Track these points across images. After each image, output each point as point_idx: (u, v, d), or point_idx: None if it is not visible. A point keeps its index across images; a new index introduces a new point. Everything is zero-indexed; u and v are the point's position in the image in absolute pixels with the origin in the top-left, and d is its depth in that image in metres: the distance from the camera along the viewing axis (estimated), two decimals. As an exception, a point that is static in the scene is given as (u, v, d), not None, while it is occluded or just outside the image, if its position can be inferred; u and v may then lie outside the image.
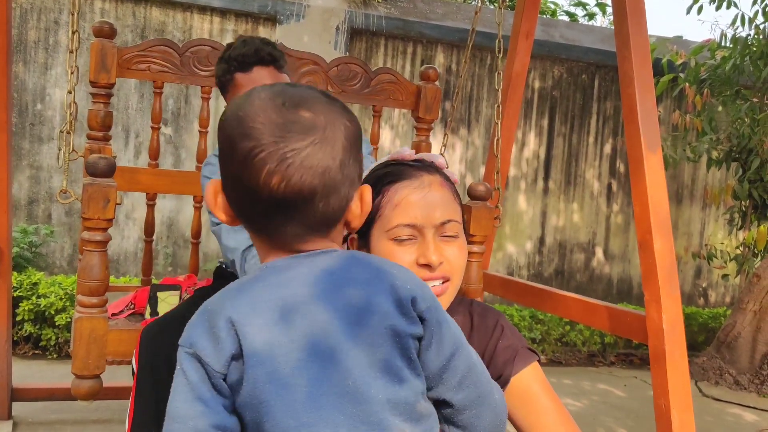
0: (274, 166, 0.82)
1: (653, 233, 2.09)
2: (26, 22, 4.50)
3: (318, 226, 0.87)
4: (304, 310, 0.83)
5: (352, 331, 0.83)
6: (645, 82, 2.22)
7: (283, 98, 0.86)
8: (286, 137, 0.83)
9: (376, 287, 0.86)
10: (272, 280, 0.86)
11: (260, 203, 0.84)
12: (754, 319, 4.68)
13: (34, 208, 4.57)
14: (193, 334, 0.84)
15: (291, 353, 0.81)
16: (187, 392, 0.82)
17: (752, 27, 5.04)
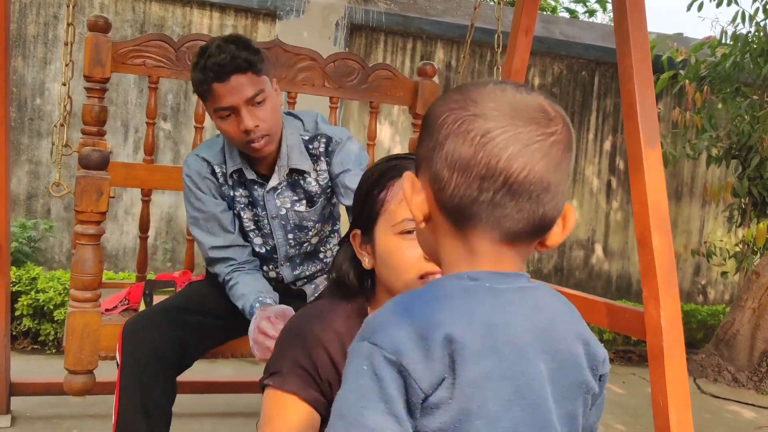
0: (518, 149, 0.76)
1: (652, 230, 2.08)
2: (25, 17, 4.49)
3: (532, 231, 0.81)
4: (517, 346, 0.78)
5: (555, 380, 0.80)
6: (645, 79, 2.21)
7: (516, 85, 0.82)
8: (532, 121, 0.78)
9: (575, 338, 0.83)
10: (488, 302, 0.79)
11: (491, 189, 0.77)
12: (753, 316, 4.68)
13: (32, 203, 4.57)
14: (398, 340, 0.74)
15: (501, 390, 0.76)
16: (380, 403, 0.73)
17: (753, 24, 5.02)
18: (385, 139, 5.21)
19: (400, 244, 1.19)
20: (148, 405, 1.76)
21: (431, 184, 0.81)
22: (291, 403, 1.21)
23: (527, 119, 0.78)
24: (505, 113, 0.78)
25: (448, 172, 0.79)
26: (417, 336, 0.74)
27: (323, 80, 2.51)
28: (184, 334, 1.84)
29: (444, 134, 0.79)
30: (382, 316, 0.78)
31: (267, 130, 1.82)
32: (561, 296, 0.86)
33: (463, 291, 0.79)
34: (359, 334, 0.79)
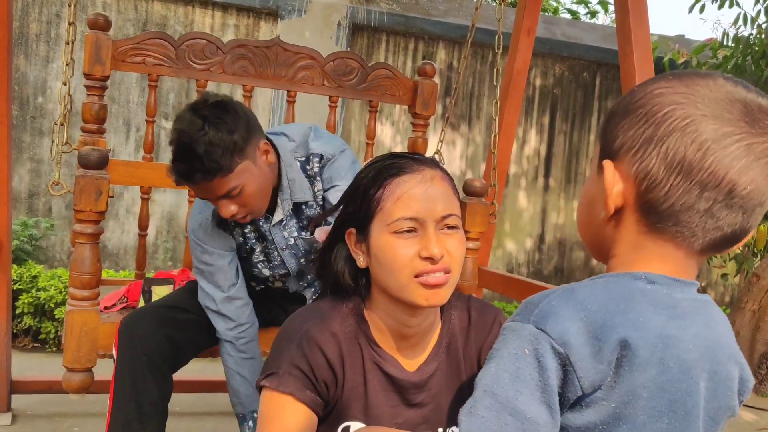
0: (749, 162, 0.70)
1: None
2: (28, 15, 4.50)
3: (731, 243, 0.76)
4: (684, 361, 0.75)
5: (709, 400, 0.77)
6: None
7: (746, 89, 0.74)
8: (763, 132, 0.71)
9: (733, 361, 0.80)
10: (665, 311, 0.75)
11: (711, 200, 0.72)
12: (753, 318, 4.67)
13: (34, 201, 4.57)
14: (569, 332, 0.71)
15: (654, 401, 0.74)
16: (537, 391, 0.70)
17: (754, 26, 5.01)
18: (386, 139, 5.21)
19: (394, 243, 1.19)
20: (141, 403, 1.77)
21: (637, 179, 0.75)
22: (288, 404, 1.21)
23: (761, 128, 0.71)
24: (739, 117, 0.71)
25: (665, 172, 0.72)
26: (590, 334, 0.71)
27: (323, 79, 2.51)
28: (178, 332, 1.84)
29: (666, 129, 0.72)
30: (554, 302, 0.74)
31: (247, 212, 1.76)
32: (724, 314, 0.83)
33: (641, 294, 0.75)
34: (520, 314, 0.75)
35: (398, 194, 1.19)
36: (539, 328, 0.72)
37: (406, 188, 1.19)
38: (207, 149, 1.60)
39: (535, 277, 5.50)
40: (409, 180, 1.20)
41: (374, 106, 2.69)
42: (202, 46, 2.32)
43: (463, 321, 1.34)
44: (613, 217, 0.79)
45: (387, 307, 1.25)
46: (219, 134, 1.62)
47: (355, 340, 1.27)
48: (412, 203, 1.18)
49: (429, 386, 1.30)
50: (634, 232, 0.78)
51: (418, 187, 1.19)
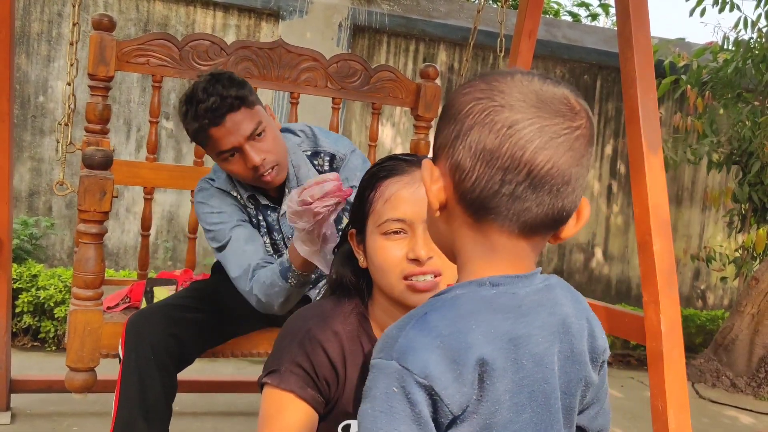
0: (544, 142, 0.76)
1: (653, 235, 2.09)
2: (29, 14, 4.50)
3: (549, 223, 0.81)
4: (537, 355, 0.80)
5: (562, 377, 0.82)
6: (647, 84, 2.22)
7: (543, 78, 0.81)
8: (558, 114, 0.77)
9: (582, 336, 0.85)
10: (510, 314, 0.79)
11: (514, 182, 0.77)
12: (752, 322, 4.68)
13: (34, 200, 4.57)
14: (429, 364, 0.74)
15: (516, 398, 0.78)
16: (413, 425, 0.73)
17: (755, 30, 5.03)
18: (386, 141, 5.22)
19: (384, 244, 1.20)
20: (147, 401, 1.77)
21: (451, 174, 0.80)
22: (289, 401, 1.22)
23: (553, 112, 0.77)
24: (531, 104, 0.77)
25: (471, 162, 0.78)
26: (449, 360, 0.74)
27: (326, 81, 2.51)
28: (185, 332, 1.84)
29: (469, 124, 0.78)
30: (410, 335, 0.77)
31: (275, 160, 1.78)
32: (570, 289, 0.88)
33: (486, 303, 0.78)
34: (383, 350, 0.77)
35: (387, 196, 1.20)
36: (402, 366, 0.74)
37: (394, 190, 1.20)
38: (232, 78, 1.72)
39: (534, 279, 5.50)
40: (398, 182, 1.21)
41: (377, 108, 2.69)
42: (206, 47, 2.32)
43: None
44: (443, 216, 0.84)
45: (387, 308, 1.26)
46: (234, 76, 1.75)
47: (357, 339, 1.28)
48: (400, 204, 1.19)
49: None
50: (464, 227, 0.82)
51: (406, 188, 1.20)
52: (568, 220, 0.83)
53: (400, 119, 5.27)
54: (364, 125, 5.14)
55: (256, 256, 1.79)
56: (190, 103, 1.75)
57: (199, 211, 1.88)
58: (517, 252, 0.81)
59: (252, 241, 1.83)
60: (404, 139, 5.26)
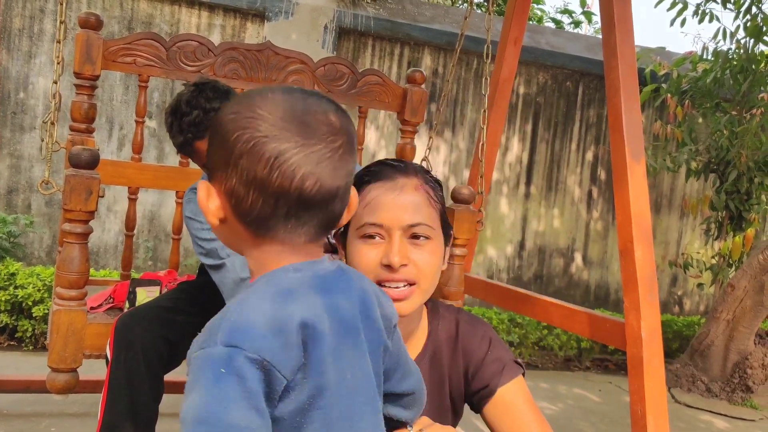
0: (309, 169, 0.82)
1: (635, 242, 2.12)
2: (11, 9, 4.44)
3: (327, 227, 0.89)
4: (348, 321, 0.88)
5: (369, 343, 0.91)
6: (631, 93, 2.25)
7: (306, 102, 0.86)
8: (320, 140, 0.84)
9: (376, 305, 0.94)
10: (319, 287, 0.87)
11: (286, 205, 0.83)
12: (727, 328, 4.76)
13: (13, 198, 4.51)
14: (258, 338, 0.78)
15: (339, 361, 0.85)
16: (243, 401, 0.76)
17: (733, 41, 5.12)
18: (371, 144, 5.23)
19: (360, 248, 1.20)
20: (135, 403, 1.76)
21: (227, 197, 0.85)
22: None
23: (316, 136, 0.84)
24: (295, 132, 0.83)
25: (244, 189, 0.83)
26: (275, 330, 0.79)
27: (313, 84, 2.52)
28: (175, 335, 1.83)
29: (238, 152, 0.83)
30: (233, 318, 0.81)
31: None
32: (354, 274, 0.96)
33: (297, 281, 0.86)
34: (205, 341, 0.80)
35: (368, 200, 1.21)
36: (231, 346, 0.77)
37: (375, 194, 1.21)
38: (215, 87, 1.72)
39: (515, 283, 5.55)
40: (381, 187, 1.21)
41: (363, 111, 2.70)
42: (193, 48, 2.32)
43: (451, 332, 1.35)
44: (227, 226, 0.89)
45: None
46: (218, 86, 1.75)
47: None
48: (378, 210, 1.19)
49: None
50: (249, 241, 0.88)
51: (386, 194, 1.20)
52: (341, 217, 0.92)
53: (385, 123, 5.28)
54: (348, 128, 5.15)
55: None
56: (174, 115, 1.75)
57: (190, 227, 1.87)
58: (300, 253, 0.88)
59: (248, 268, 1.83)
60: (388, 142, 5.27)
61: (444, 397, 1.34)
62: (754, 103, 5.14)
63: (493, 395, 1.30)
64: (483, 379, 1.31)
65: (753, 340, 4.81)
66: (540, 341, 5.11)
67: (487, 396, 1.31)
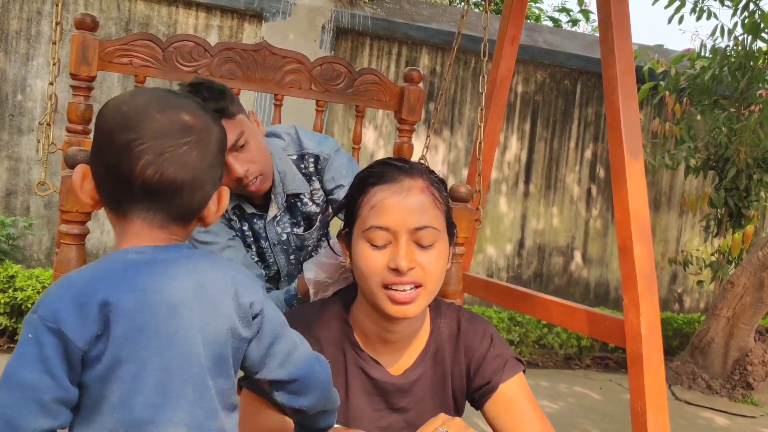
0: (151, 158, 0.92)
1: (633, 239, 2.12)
2: (8, 12, 4.44)
3: (180, 217, 0.97)
4: (171, 304, 0.92)
5: (205, 328, 0.94)
6: (629, 90, 2.24)
7: (165, 101, 0.97)
8: (166, 134, 0.94)
9: (224, 293, 0.97)
10: (147, 271, 0.93)
11: (132, 191, 0.93)
12: (727, 325, 4.76)
13: (12, 200, 4.51)
14: (57, 309, 0.88)
15: (154, 340, 0.90)
16: (38, 364, 0.86)
17: (731, 38, 5.12)
18: (369, 143, 5.22)
19: (367, 251, 1.20)
20: None
21: (94, 179, 0.97)
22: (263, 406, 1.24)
23: (166, 133, 0.94)
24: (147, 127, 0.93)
25: (103, 174, 0.95)
26: (77, 305, 0.88)
27: (310, 83, 2.51)
28: None
29: (99, 141, 0.95)
30: (51, 290, 0.92)
31: (259, 170, 1.76)
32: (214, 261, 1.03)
33: (123, 264, 0.94)
34: (31, 310, 0.90)
35: (373, 203, 1.20)
36: (37, 316, 0.88)
37: (380, 197, 1.20)
38: (211, 87, 1.71)
39: (514, 282, 5.54)
40: (386, 190, 1.20)
41: (361, 110, 2.69)
42: (189, 48, 2.31)
43: (453, 330, 1.36)
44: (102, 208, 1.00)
45: (369, 312, 1.27)
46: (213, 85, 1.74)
47: (338, 344, 1.28)
48: (384, 213, 1.19)
49: (413, 391, 1.32)
50: (114, 220, 0.98)
51: (392, 197, 1.19)
52: (202, 210, 0.99)
53: (383, 122, 5.28)
54: (347, 128, 5.14)
55: None
56: None
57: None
58: (152, 238, 0.96)
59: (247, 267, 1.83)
60: (386, 141, 5.27)
61: (447, 395, 1.34)
62: (752, 100, 5.14)
63: (495, 391, 1.31)
64: (485, 376, 1.31)
65: (753, 336, 4.81)
66: (540, 340, 5.11)
67: (489, 392, 1.31)
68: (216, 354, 0.96)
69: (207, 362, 0.95)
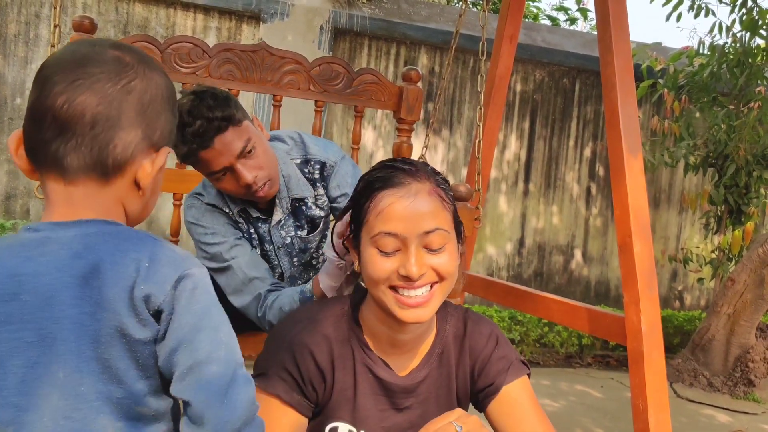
0: (63, 87, 0.84)
1: (633, 236, 2.12)
2: (6, 15, 4.44)
3: (94, 167, 0.86)
4: (42, 294, 0.82)
5: (86, 325, 0.82)
6: (627, 88, 2.25)
7: (99, 41, 0.90)
8: (85, 64, 0.85)
9: (116, 284, 0.83)
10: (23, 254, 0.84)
11: (43, 128, 0.84)
12: (728, 322, 4.76)
13: (11, 203, 4.51)
14: None
15: (20, 332, 0.81)
16: None
17: (729, 35, 5.12)
18: (368, 143, 5.22)
19: (376, 257, 1.19)
20: None
21: (24, 138, 0.88)
22: (273, 405, 1.23)
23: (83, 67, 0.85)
24: (67, 66, 0.85)
25: (27, 122, 0.87)
26: None
27: (308, 84, 2.51)
28: None
29: (32, 86, 0.87)
30: None
31: (267, 175, 1.75)
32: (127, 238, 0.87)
33: (7, 244, 0.85)
34: None
35: (380, 208, 1.18)
36: None
37: (388, 203, 1.18)
38: (215, 95, 1.69)
39: (515, 281, 5.54)
40: (393, 194, 1.19)
41: (359, 111, 2.70)
42: (188, 50, 2.31)
43: (459, 331, 1.36)
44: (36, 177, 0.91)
45: (377, 313, 1.27)
46: (218, 93, 1.72)
47: (347, 342, 1.28)
48: (393, 219, 1.17)
49: (418, 392, 1.32)
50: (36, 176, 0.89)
51: (400, 202, 1.18)
52: (125, 163, 0.87)
53: (382, 122, 5.28)
54: (345, 128, 5.14)
55: (265, 284, 1.79)
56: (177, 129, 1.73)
57: (192, 232, 1.86)
58: (69, 198, 0.86)
59: (256, 266, 1.82)
60: (386, 141, 5.27)
61: (451, 396, 1.35)
62: (751, 97, 5.14)
63: (498, 392, 1.31)
64: (489, 377, 1.32)
65: (754, 333, 4.81)
66: (541, 338, 5.11)
67: (493, 393, 1.32)
68: (99, 356, 0.82)
69: (87, 365, 0.82)
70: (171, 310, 0.85)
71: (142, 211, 0.95)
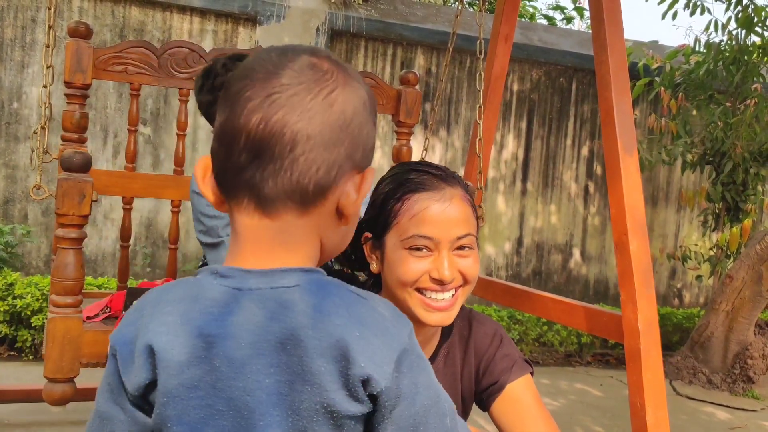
0: (257, 103, 0.72)
1: (629, 234, 2.12)
2: (2, 20, 4.44)
3: (293, 194, 0.73)
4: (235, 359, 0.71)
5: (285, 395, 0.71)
6: (622, 86, 2.25)
7: (291, 47, 0.77)
8: (279, 74, 0.73)
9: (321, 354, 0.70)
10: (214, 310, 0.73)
11: (236, 151, 0.72)
12: (727, 319, 4.76)
13: (10, 208, 4.51)
14: (120, 339, 0.75)
15: (209, 399, 0.72)
16: (107, 393, 0.76)
17: (725, 33, 5.13)
18: (365, 145, 5.23)
19: (407, 259, 1.20)
20: None
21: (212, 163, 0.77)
22: None
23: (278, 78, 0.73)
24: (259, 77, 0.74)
25: (216, 144, 0.76)
26: (129, 339, 0.74)
27: (305, 86, 2.52)
28: None
29: (219, 105, 0.78)
30: (134, 305, 0.78)
31: None
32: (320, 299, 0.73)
33: (194, 294, 0.74)
34: None
35: (415, 211, 1.19)
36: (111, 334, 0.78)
37: (423, 206, 1.19)
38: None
39: (514, 280, 5.55)
40: (428, 198, 1.20)
41: (356, 112, 2.70)
42: (184, 55, 2.31)
43: (464, 331, 1.37)
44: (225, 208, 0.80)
45: None
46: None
47: None
48: (428, 223, 1.18)
49: None
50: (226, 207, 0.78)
51: (435, 206, 1.19)
52: (328, 190, 0.74)
53: (380, 125, 5.28)
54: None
55: None
56: (207, 77, 1.73)
57: (195, 202, 1.88)
58: (262, 233, 0.74)
59: None
60: (383, 143, 5.28)
61: (456, 396, 1.35)
62: (747, 94, 5.14)
63: (502, 391, 1.32)
64: (493, 375, 1.33)
65: (753, 330, 4.82)
66: (540, 337, 5.11)
67: (496, 392, 1.32)
68: (299, 429, 0.71)
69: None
70: (396, 399, 0.72)
71: (341, 243, 0.82)
